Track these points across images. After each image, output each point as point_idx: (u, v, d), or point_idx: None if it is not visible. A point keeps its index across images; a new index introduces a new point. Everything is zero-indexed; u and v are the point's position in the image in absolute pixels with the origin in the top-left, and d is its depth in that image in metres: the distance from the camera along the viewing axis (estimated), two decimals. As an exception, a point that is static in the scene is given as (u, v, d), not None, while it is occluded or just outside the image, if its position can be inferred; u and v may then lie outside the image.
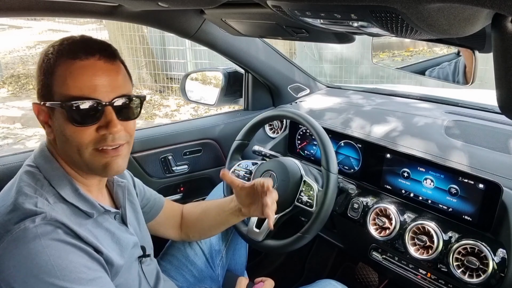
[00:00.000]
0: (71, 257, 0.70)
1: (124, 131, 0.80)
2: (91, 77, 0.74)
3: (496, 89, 0.50)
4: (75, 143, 0.76)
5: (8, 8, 1.01)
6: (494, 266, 0.95)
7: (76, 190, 0.79)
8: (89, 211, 0.79)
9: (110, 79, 0.76)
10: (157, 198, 1.17)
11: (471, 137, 1.24)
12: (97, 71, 0.75)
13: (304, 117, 1.27)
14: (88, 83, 0.74)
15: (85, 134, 0.76)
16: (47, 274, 0.66)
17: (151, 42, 6.09)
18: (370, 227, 1.20)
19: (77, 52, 0.75)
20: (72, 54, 0.75)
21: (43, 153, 0.81)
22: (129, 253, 0.87)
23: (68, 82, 0.74)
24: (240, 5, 0.98)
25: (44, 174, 0.78)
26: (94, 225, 0.80)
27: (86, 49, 0.76)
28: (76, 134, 0.75)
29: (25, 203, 0.71)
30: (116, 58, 0.80)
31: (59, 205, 0.75)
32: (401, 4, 0.46)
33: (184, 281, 1.22)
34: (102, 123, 0.76)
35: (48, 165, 0.79)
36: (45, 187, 0.76)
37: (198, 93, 1.88)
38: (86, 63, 0.74)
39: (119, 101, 0.78)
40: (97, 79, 0.75)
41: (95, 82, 0.74)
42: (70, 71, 0.74)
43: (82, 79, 0.74)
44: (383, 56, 1.16)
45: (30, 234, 0.68)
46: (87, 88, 0.74)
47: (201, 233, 1.23)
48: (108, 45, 0.81)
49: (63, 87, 0.74)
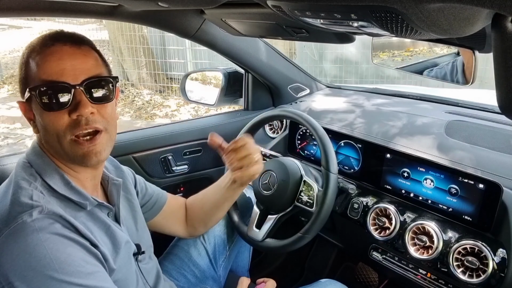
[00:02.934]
0: (69, 250, 0.70)
1: (99, 114, 0.79)
2: (57, 62, 0.75)
3: (496, 89, 0.50)
4: (52, 131, 0.77)
5: (8, 8, 1.01)
6: (494, 266, 0.95)
7: (68, 183, 0.79)
8: (82, 201, 0.79)
9: (77, 62, 0.77)
10: (160, 194, 1.17)
11: (471, 137, 1.24)
12: (63, 55, 0.76)
13: (304, 117, 1.27)
14: (55, 68, 0.75)
15: (59, 120, 0.76)
16: (46, 267, 0.66)
17: (151, 42, 6.09)
18: (370, 227, 1.20)
19: (45, 41, 0.77)
20: (40, 44, 0.77)
21: (35, 150, 0.82)
22: (123, 249, 0.87)
23: (37, 69, 0.76)
24: (240, 5, 0.98)
25: (35, 169, 0.79)
26: (88, 218, 0.80)
27: (53, 37, 0.78)
28: (51, 121, 0.76)
29: (21, 196, 0.72)
30: (83, 43, 0.81)
31: (52, 199, 0.76)
32: (401, 4, 0.46)
33: (185, 282, 1.22)
34: (73, 106, 0.76)
35: (40, 160, 0.80)
36: (38, 180, 0.77)
37: (198, 93, 1.88)
38: (53, 49, 0.76)
39: (89, 83, 0.77)
40: (64, 62, 0.76)
41: (61, 66, 0.75)
42: (39, 59, 0.76)
43: (49, 65, 0.75)
44: (383, 56, 1.16)
45: (28, 228, 0.68)
46: (55, 73, 0.75)
47: (206, 220, 1.22)
48: (77, 33, 0.83)
49: (35, 76, 0.76)
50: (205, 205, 1.21)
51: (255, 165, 1.06)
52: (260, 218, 1.29)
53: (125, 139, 1.48)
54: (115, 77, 0.84)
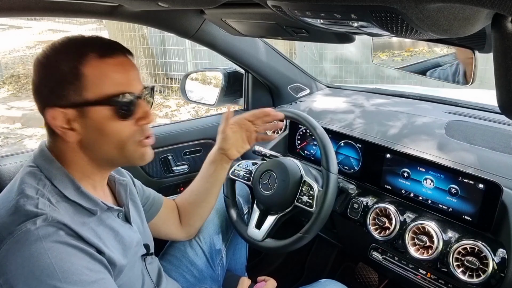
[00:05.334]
0: (73, 259, 0.70)
1: None
2: (125, 73, 0.78)
3: (496, 89, 0.50)
4: (116, 139, 0.79)
5: (8, 8, 1.01)
6: (494, 266, 0.95)
7: (78, 188, 0.79)
8: (92, 208, 0.79)
9: (136, 73, 0.82)
10: (156, 197, 1.18)
11: (471, 137, 1.24)
12: (127, 65, 0.80)
13: (304, 117, 1.27)
14: (124, 79, 0.78)
15: (126, 127, 0.80)
16: (49, 276, 0.66)
17: (151, 42, 6.09)
18: (370, 227, 1.20)
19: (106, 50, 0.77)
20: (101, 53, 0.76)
21: (43, 154, 0.81)
22: (132, 251, 0.87)
23: (104, 80, 0.76)
24: (240, 5, 0.98)
25: (45, 174, 0.78)
26: (97, 223, 0.80)
27: (113, 47, 0.79)
28: (119, 130, 0.79)
29: (26, 204, 0.71)
30: (131, 53, 0.84)
31: (62, 204, 0.75)
32: (401, 4, 0.46)
33: (184, 281, 1.22)
34: (139, 115, 0.81)
35: (49, 165, 0.79)
36: (47, 186, 0.76)
37: (198, 93, 1.88)
38: (117, 60, 0.78)
39: (146, 92, 0.84)
40: (130, 74, 0.79)
41: (129, 77, 0.79)
42: (102, 69, 0.75)
43: (117, 76, 0.77)
44: (383, 56, 1.16)
45: (31, 236, 0.68)
46: (123, 84, 0.78)
47: (199, 213, 1.23)
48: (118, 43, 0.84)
49: (97, 86, 0.75)
50: (196, 198, 1.22)
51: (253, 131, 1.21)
52: (260, 218, 1.29)
53: None
54: (154, 86, 0.91)
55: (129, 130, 0.80)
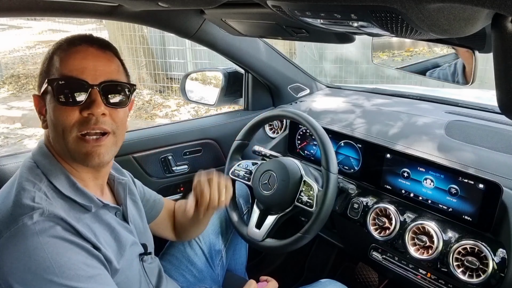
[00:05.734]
0: (69, 254, 0.70)
1: (110, 117, 0.79)
2: (80, 60, 0.78)
3: (496, 89, 0.50)
4: (60, 126, 0.77)
5: (8, 8, 1.01)
6: (494, 266, 0.95)
7: (74, 184, 0.79)
8: (87, 204, 0.79)
9: (99, 64, 0.79)
10: (157, 199, 1.17)
11: (471, 137, 1.24)
12: (87, 55, 0.78)
13: (304, 117, 1.27)
14: (78, 65, 0.77)
15: (69, 115, 0.76)
16: (45, 271, 0.66)
17: (151, 42, 6.09)
18: (370, 227, 1.20)
19: (73, 40, 0.80)
20: (68, 42, 0.80)
21: (41, 150, 0.82)
22: (128, 250, 0.87)
23: (60, 65, 0.77)
24: (240, 5, 0.98)
25: (42, 169, 0.79)
26: (92, 220, 0.80)
27: (81, 38, 0.81)
28: (62, 116, 0.76)
29: (23, 198, 0.72)
30: (108, 49, 0.83)
31: (57, 200, 0.75)
32: (401, 4, 0.46)
33: (184, 281, 1.22)
34: (86, 104, 0.77)
35: (46, 160, 0.80)
36: (44, 181, 0.77)
37: (198, 93, 1.88)
38: (79, 48, 0.78)
39: (106, 86, 0.79)
40: (86, 62, 0.78)
41: (84, 64, 0.77)
42: (63, 55, 0.78)
43: (72, 62, 0.77)
44: (383, 56, 1.16)
45: (28, 231, 0.68)
46: (76, 70, 0.77)
47: (191, 232, 1.22)
48: (104, 39, 0.85)
49: (56, 71, 0.78)
50: (186, 224, 1.19)
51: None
52: (260, 218, 1.29)
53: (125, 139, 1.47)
54: (133, 85, 0.85)
55: (70, 118, 0.76)
